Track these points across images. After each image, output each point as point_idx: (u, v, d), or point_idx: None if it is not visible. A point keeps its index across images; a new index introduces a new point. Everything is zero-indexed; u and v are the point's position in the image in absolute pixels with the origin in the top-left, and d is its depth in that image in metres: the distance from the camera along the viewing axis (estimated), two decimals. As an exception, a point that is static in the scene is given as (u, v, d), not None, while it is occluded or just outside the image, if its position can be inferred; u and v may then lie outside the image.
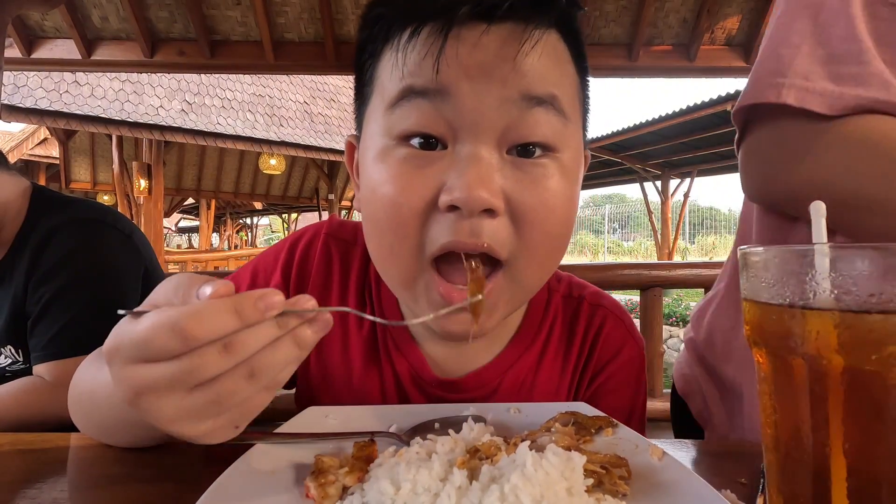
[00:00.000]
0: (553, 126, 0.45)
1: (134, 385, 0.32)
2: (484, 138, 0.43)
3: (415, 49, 0.43)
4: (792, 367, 0.31)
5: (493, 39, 0.42)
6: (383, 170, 0.46)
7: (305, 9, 3.27)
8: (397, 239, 0.45)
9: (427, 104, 0.43)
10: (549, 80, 0.44)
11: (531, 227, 0.45)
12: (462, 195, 0.41)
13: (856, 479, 0.29)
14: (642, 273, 2.13)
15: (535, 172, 0.45)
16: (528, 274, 0.47)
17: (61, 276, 1.02)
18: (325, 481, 0.38)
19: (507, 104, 0.43)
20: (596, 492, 0.37)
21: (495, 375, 0.61)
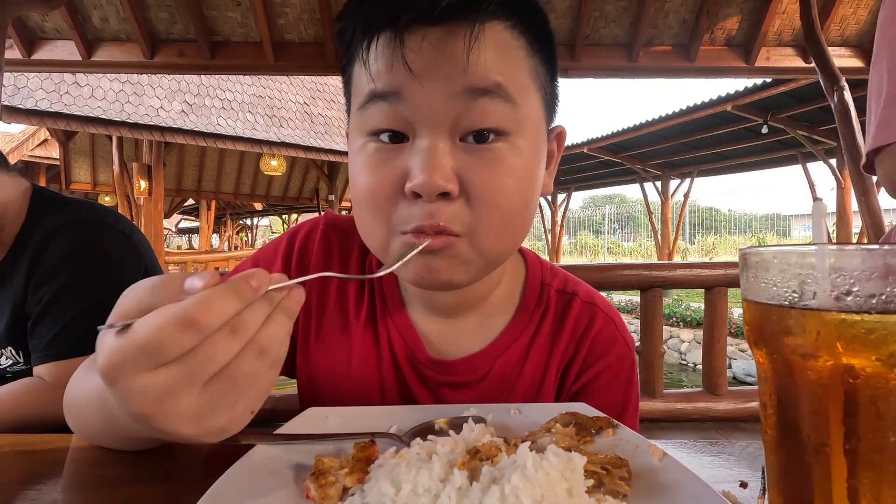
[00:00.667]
0: (501, 112, 0.49)
1: (151, 395, 0.31)
2: (437, 130, 0.49)
3: (374, 58, 0.49)
4: (793, 368, 0.31)
5: (436, 41, 0.47)
6: (360, 162, 0.53)
7: (305, 10, 3.28)
8: (374, 218, 0.52)
9: (387, 105, 0.49)
10: (492, 70, 0.48)
11: (483, 204, 0.50)
12: (420, 182, 0.47)
13: (857, 479, 0.29)
14: (642, 273, 2.12)
15: (486, 156, 0.50)
16: (487, 244, 0.52)
17: (61, 276, 1.02)
18: (326, 482, 0.38)
19: (454, 98, 0.48)
20: (596, 492, 0.37)
21: (487, 362, 0.64)
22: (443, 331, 0.65)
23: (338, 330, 0.66)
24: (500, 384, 0.64)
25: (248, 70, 3.95)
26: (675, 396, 2.16)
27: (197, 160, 10.93)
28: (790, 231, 23.60)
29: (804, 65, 3.63)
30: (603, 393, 0.65)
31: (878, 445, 0.28)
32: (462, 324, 0.65)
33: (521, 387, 0.65)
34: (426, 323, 0.65)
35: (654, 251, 15.06)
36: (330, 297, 0.67)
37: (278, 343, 0.35)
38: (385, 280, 0.66)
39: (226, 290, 0.32)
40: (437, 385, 0.64)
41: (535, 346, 0.65)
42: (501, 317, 0.66)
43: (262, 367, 0.34)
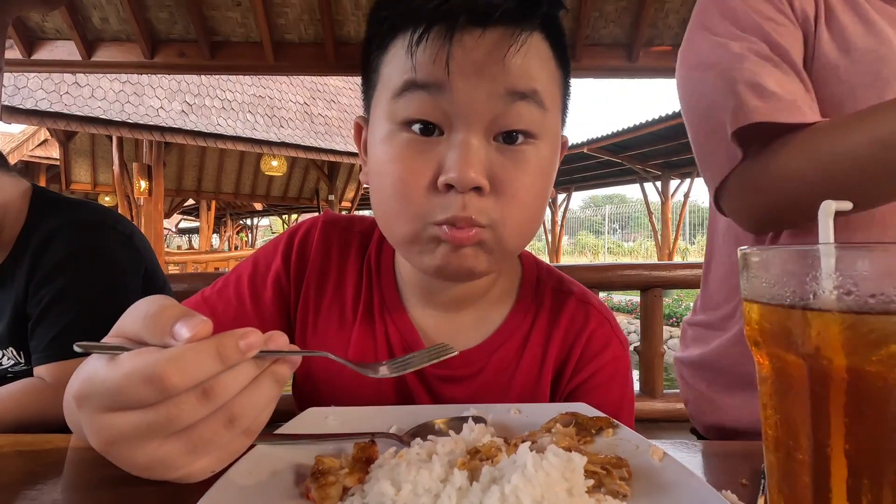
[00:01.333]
0: (534, 116, 0.52)
1: (105, 435, 0.31)
2: (474, 127, 0.51)
3: (422, 50, 0.50)
4: (792, 368, 0.31)
5: (486, 42, 0.49)
6: (389, 150, 0.53)
7: (305, 10, 3.28)
8: (403, 207, 0.53)
9: (427, 96, 0.50)
10: (531, 76, 0.51)
11: (510, 200, 0.53)
12: (456, 176, 0.49)
13: (856, 479, 0.29)
14: (642, 273, 2.12)
15: (515, 156, 0.53)
16: (509, 237, 0.54)
17: (62, 277, 1.02)
18: (326, 482, 0.38)
19: (495, 98, 0.50)
20: (596, 493, 0.37)
21: (483, 356, 0.65)
22: (440, 325, 0.66)
23: (335, 324, 0.67)
24: (497, 378, 0.65)
25: (248, 70, 3.95)
26: (675, 396, 2.16)
27: (197, 160, 10.93)
28: (790, 231, 23.55)
29: (804, 65, 3.62)
30: (599, 392, 0.65)
31: (878, 446, 0.28)
32: (459, 319, 0.66)
33: (518, 382, 0.65)
34: (423, 318, 0.66)
35: (654, 251, 15.06)
36: (327, 292, 0.68)
37: (255, 411, 0.33)
38: (384, 276, 0.67)
39: (207, 349, 0.30)
40: (433, 379, 0.65)
41: (530, 341, 0.66)
42: (498, 312, 0.67)
43: (231, 435, 0.33)
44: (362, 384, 0.64)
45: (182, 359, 0.30)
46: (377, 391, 0.65)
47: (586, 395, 0.65)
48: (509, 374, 0.65)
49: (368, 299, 0.67)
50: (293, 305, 0.68)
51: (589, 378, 0.66)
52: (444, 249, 0.52)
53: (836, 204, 0.33)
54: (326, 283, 0.68)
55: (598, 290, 2.07)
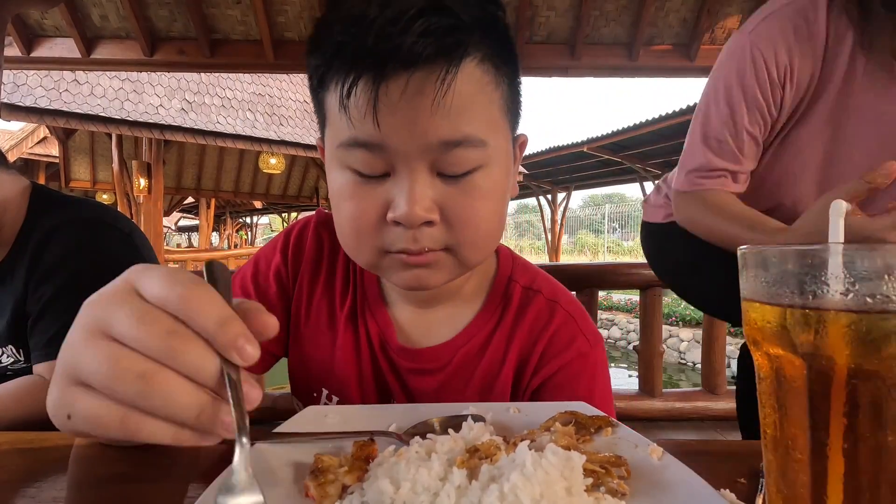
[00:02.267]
0: (471, 156, 0.53)
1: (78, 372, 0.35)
2: (417, 168, 0.52)
3: (354, 104, 0.50)
4: (791, 367, 0.31)
5: (412, 91, 0.49)
6: (341, 189, 0.56)
7: (305, 8, 3.27)
8: (358, 243, 0.57)
9: (368, 153, 0.52)
10: (461, 122, 0.51)
11: (462, 227, 0.55)
12: (402, 214, 0.51)
13: (855, 479, 0.29)
14: (642, 273, 2.13)
15: (463, 186, 0.54)
16: (468, 256, 0.57)
17: (61, 275, 1.02)
18: (325, 480, 0.38)
19: (430, 149, 0.51)
20: (595, 491, 0.37)
21: (450, 352, 0.67)
22: (416, 321, 0.69)
23: (325, 318, 0.71)
24: (459, 373, 0.67)
25: (247, 68, 3.95)
26: (674, 395, 2.16)
27: (196, 158, 10.93)
28: (790, 230, 23.55)
29: (804, 64, 3.62)
30: (565, 389, 0.65)
31: (877, 445, 0.28)
32: (434, 315, 0.69)
33: (478, 377, 0.67)
34: (401, 314, 0.70)
35: (653, 250, 15.04)
36: (318, 287, 0.72)
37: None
38: (366, 275, 0.71)
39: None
40: (405, 372, 0.68)
41: (494, 338, 0.68)
42: (470, 309, 0.70)
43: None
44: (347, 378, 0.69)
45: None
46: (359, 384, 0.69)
47: (551, 391, 0.65)
48: (472, 368, 0.67)
49: (353, 297, 0.71)
50: (292, 294, 0.72)
51: (553, 375, 0.66)
52: (405, 271, 0.56)
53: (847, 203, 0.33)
54: (318, 278, 0.72)
55: (597, 290, 2.08)
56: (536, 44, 3.31)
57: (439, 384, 0.67)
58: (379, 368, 0.69)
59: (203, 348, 0.33)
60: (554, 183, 15.32)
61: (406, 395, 0.68)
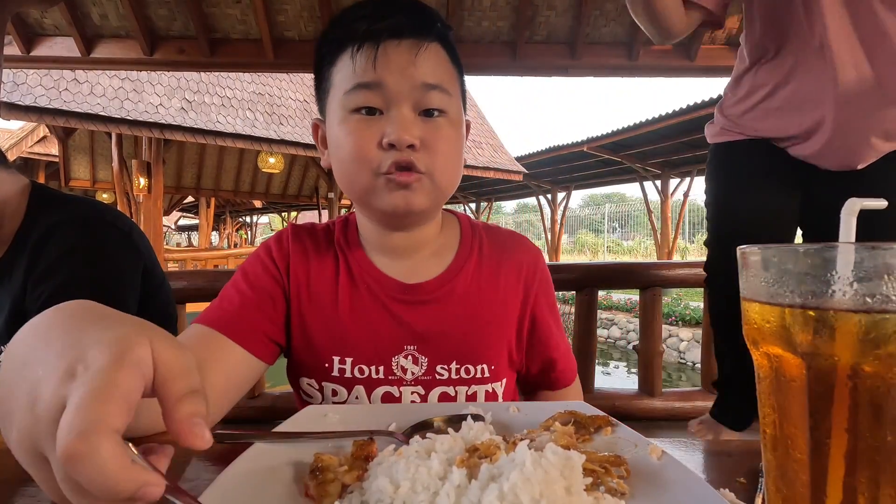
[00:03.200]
0: (443, 99, 0.73)
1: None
2: (404, 106, 0.70)
3: (360, 59, 0.70)
4: (792, 367, 0.31)
5: (403, 49, 0.70)
6: (345, 128, 0.72)
7: (305, 7, 3.27)
8: (360, 167, 0.71)
9: (369, 92, 0.70)
10: (436, 73, 0.72)
11: (436, 152, 0.72)
12: (395, 137, 0.68)
13: (854, 478, 0.29)
14: (642, 272, 2.12)
15: (434, 124, 0.72)
16: (441, 178, 0.73)
17: (60, 274, 1.02)
18: (325, 479, 0.38)
19: (415, 88, 0.70)
20: (595, 491, 0.37)
21: (449, 279, 0.81)
22: (406, 269, 0.81)
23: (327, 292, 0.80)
24: (467, 300, 0.80)
25: (247, 67, 3.94)
26: (673, 395, 2.16)
27: (196, 157, 10.92)
28: (789, 230, 23.54)
29: (804, 64, 3.62)
30: (545, 301, 0.85)
31: (876, 445, 0.28)
32: (414, 261, 0.82)
33: (486, 299, 0.81)
34: (392, 268, 0.81)
35: (653, 250, 15.07)
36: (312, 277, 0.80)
37: None
38: (351, 245, 0.83)
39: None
40: (416, 303, 0.79)
41: (483, 266, 0.83)
42: (448, 252, 0.84)
43: None
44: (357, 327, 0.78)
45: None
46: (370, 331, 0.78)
47: (541, 297, 0.85)
48: (474, 293, 0.81)
49: (347, 272, 0.82)
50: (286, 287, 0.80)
51: (538, 295, 0.85)
52: (394, 191, 0.70)
53: (863, 202, 0.33)
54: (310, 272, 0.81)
55: (597, 289, 2.08)
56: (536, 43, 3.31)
57: (446, 314, 0.79)
58: (388, 309, 0.79)
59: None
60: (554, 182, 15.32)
61: (422, 328, 0.78)
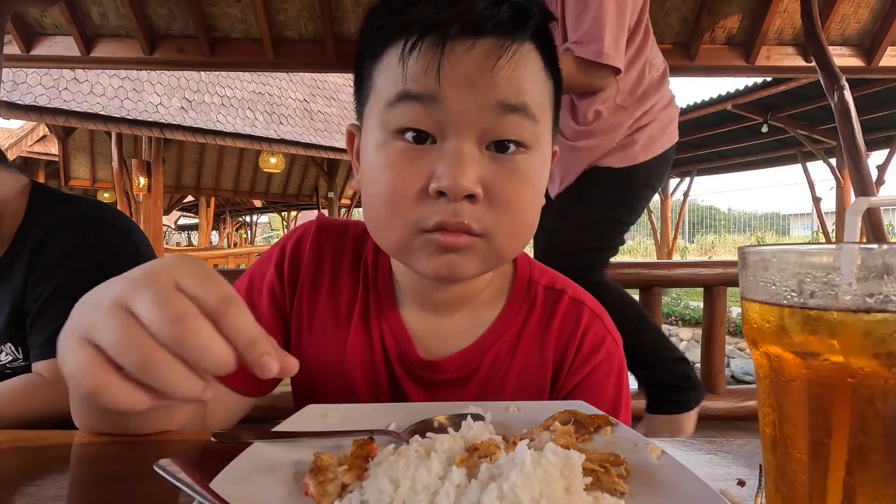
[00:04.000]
0: (524, 128, 0.53)
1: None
2: (466, 136, 0.51)
3: (414, 60, 0.50)
4: (791, 367, 0.31)
5: (478, 53, 0.50)
6: (383, 158, 0.53)
7: (305, 6, 3.27)
8: (393, 215, 0.54)
9: (420, 106, 0.51)
10: (522, 90, 0.52)
11: (504, 209, 0.53)
12: (448, 184, 0.49)
13: (854, 478, 0.29)
14: (641, 272, 2.13)
15: (508, 165, 0.53)
16: (503, 245, 0.55)
17: (60, 273, 1.02)
18: (324, 479, 0.38)
19: (486, 110, 0.51)
20: (594, 490, 0.37)
21: (476, 357, 0.65)
22: (434, 328, 0.66)
23: (330, 326, 0.67)
24: (492, 378, 0.65)
25: (247, 67, 3.95)
26: (673, 395, 2.15)
27: (196, 157, 10.91)
28: (789, 230, 23.61)
29: (804, 64, 3.63)
30: (595, 391, 0.66)
31: (876, 444, 0.28)
32: (453, 321, 0.66)
33: (513, 379, 0.65)
34: (418, 321, 0.66)
35: (653, 250, 15.06)
36: (321, 294, 0.68)
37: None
38: (380, 280, 0.67)
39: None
40: (429, 383, 0.65)
41: (523, 338, 0.66)
42: (490, 312, 0.67)
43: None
44: (358, 389, 0.65)
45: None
46: (374, 396, 0.65)
47: (583, 394, 0.65)
48: (503, 371, 0.65)
49: (364, 303, 0.67)
50: (288, 310, 0.68)
51: (585, 378, 0.66)
52: (436, 256, 0.53)
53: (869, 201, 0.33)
54: (320, 286, 0.68)
55: (597, 289, 2.08)
56: (536, 43, 3.31)
57: (472, 393, 0.64)
58: (396, 379, 0.65)
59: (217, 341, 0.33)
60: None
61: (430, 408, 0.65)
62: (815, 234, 14.46)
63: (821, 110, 6.78)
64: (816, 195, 8.56)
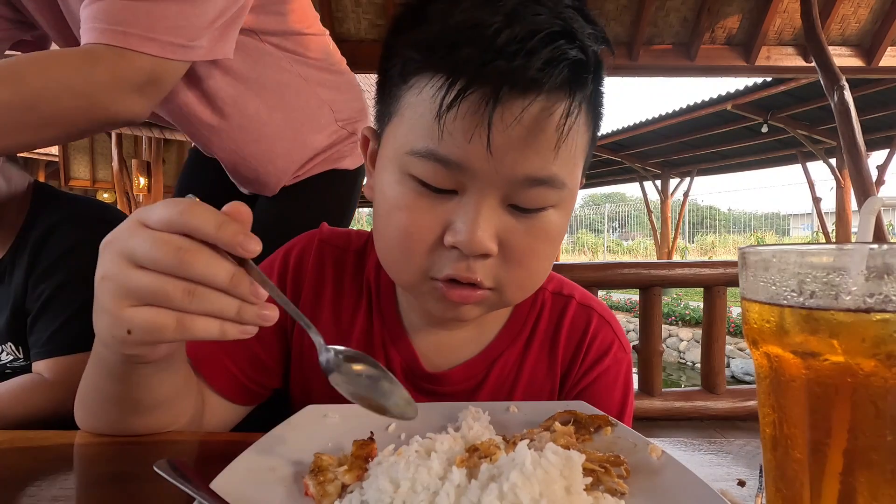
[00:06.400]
0: (550, 196, 0.50)
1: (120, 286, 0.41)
2: (489, 195, 0.49)
3: (452, 120, 0.45)
4: (791, 367, 0.31)
5: (523, 125, 0.45)
6: (397, 197, 0.51)
7: (305, 6, 3.26)
8: (405, 259, 0.52)
9: (443, 168, 0.48)
10: (554, 161, 0.48)
11: (518, 266, 0.52)
12: (464, 240, 0.48)
13: (854, 478, 0.29)
14: (642, 272, 2.13)
15: (529, 223, 0.51)
16: (510, 295, 0.55)
17: (61, 273, 1.02)
18: (324, 479, 0.38)
19: (513, 181, 0.48)
20: (594, 490, 0.37)
21: (482, 368, 0.64)
22: (439, 344, 0.65)
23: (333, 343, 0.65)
24: (499, 390, 0.64)
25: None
26: (673, 395, 2.16)
27: (196, 157, 10.88)
28: (789, 230, 23.62)
29: (804, 64, 3.63)
30: (603, 395, 0.66)
31: (876, 444, 0.28)
32: (459, 335, 0.66)
33: (521, 388, 0.65)
34: (423, 337, 0.65)
35: (653, 250, 15.07)
36: (324, 311, 0.66)
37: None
38: (383, 297, 0.66)
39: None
40: (436, 395, 0.65)
41: (531, 348, 0.66)
42: (495, 323, 0.66)
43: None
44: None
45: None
46: None
47: (591, 398, 0.64)
48: (511, 381, 0.65)
49: (368, 318, 0.66)
50: (289, 324, 0.67)
51: (592, 382, 0.66)
52: (443, 303, 0.53)
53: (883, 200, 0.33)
54: (322, 301, 0.67)
55: (597, 289, 2.08)
56: (536, 43, 3.31)
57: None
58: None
59: (211, 255, 0.39)
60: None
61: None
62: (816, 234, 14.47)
63: (821, 110, 6.79)
64: (816, 195, 8.57)
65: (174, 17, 0.80)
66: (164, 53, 0.80)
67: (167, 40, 0.80)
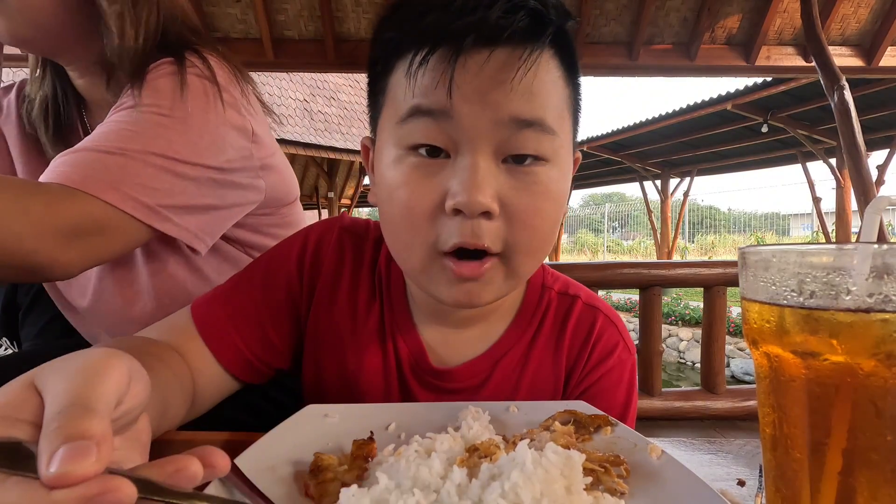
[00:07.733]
0: (540, 142, 0.51)
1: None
2: (481, 150, 0.49)
3: (424, 73, 0.49)
4: (791, 367, 0.31)
5: (492, 66, 0.48)
6: (396, 176, 0.52)
7: (305, 6, 3.27)
8: (411, 236, 0.53)
9: (432, 122, 0.49)
10: (537, 103, 0.50)
11: (522, 225, 0.52)
12: (463, 200, 0.48)
13: (853, 477, 0.29)
14: (642, 272, 2.13)
15: (526, 179, 0.51)
16: (520, 263, 0.54)
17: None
18: (324, 479, 0.38)
19: (500, 125, 0.49)
20: (594, 490, 0.37)
21: (487, 366, 0.65)
22: (448, 340, 0.66)
23: (347, 334, 0.66)
24: (503, 387, 0.65)
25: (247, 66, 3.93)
26: (673, 395, 2.16)
27: (196, 157, 10.88)
28: (789, 230, 23.62)
29: (804, 64, 3.63)
30: (606, 396, 0.66)
31: (875, 444, 0.28)
32: (467, 333, 0.66)
33: (525, 387, 0.65)
34: (432, 333, 0.66)
35: (653, 250, 15.07)
36: (340, 297, 0.67)
37: None
38: (394, 292, 0.67)
39: None
40: (441, 391, 0.65)
41: (536, 347, 0.66)
42: (502, 321, 0.67)
43: None
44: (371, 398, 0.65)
45: None
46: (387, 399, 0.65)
47: (594, 398, 0.64)
48: (515, 380, 0.65)
49: (380, 313, 0.67)
50: (304, 309, 0.67)
51: (596, 382, 0.66)
52: (456, 285, 0.53)
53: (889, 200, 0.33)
54: (339, 288, 0.67)
55: (597, 289, 2.08)
56: (536, 43, 3.32)
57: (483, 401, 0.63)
58: (408, 390, 0.65)
59: None
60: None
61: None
62: (816, 234, 14.47)
63: (821, 110, 6.79)
64: (816, 195, 8.56)
65: (151, 180, 0.70)
66: (124, 206, 0.67)
67: (132, 195, 0.68)
